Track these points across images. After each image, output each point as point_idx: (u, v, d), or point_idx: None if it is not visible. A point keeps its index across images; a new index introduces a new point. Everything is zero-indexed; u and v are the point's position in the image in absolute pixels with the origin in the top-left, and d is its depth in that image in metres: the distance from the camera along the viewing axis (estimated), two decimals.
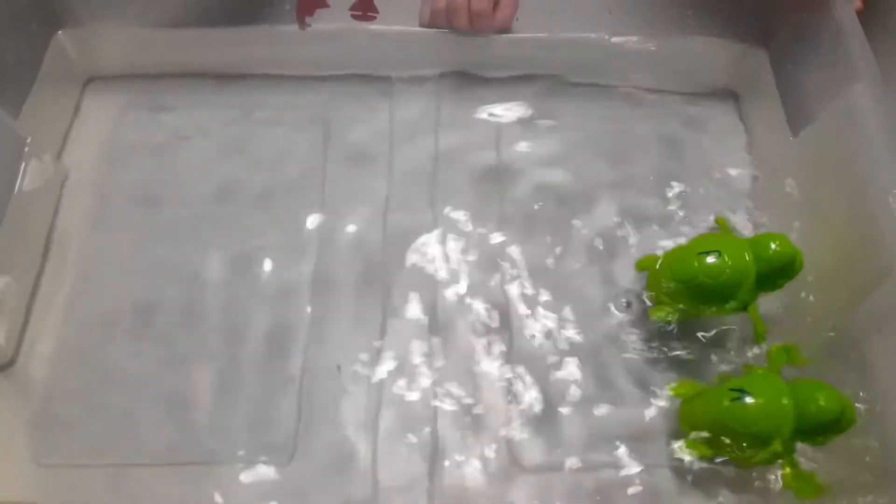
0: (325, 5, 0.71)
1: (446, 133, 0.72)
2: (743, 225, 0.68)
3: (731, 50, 0.74)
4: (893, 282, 0.54)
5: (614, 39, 0.73)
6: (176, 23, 0.72)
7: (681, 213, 0.69)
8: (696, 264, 0.57)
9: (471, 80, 0.75)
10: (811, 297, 0.62)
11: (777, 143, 0.69)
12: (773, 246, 0.56)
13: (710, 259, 0.56)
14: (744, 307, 0.58)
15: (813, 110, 0.64)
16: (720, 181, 0.71)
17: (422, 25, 0.72)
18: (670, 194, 0.70)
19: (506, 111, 0.74)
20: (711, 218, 0.69)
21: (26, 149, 0.65)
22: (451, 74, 0.75)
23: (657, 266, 0.61)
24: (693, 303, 0.58)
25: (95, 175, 0.69)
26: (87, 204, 0.68)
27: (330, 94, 0.74)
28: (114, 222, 0.67)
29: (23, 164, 0.64)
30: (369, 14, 0.71)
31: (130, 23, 0.71)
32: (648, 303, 0.62)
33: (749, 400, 0.53)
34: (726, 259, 0.56)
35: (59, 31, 0.71)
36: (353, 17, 0.71)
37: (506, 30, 0.71)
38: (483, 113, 0.74)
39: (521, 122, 0.74)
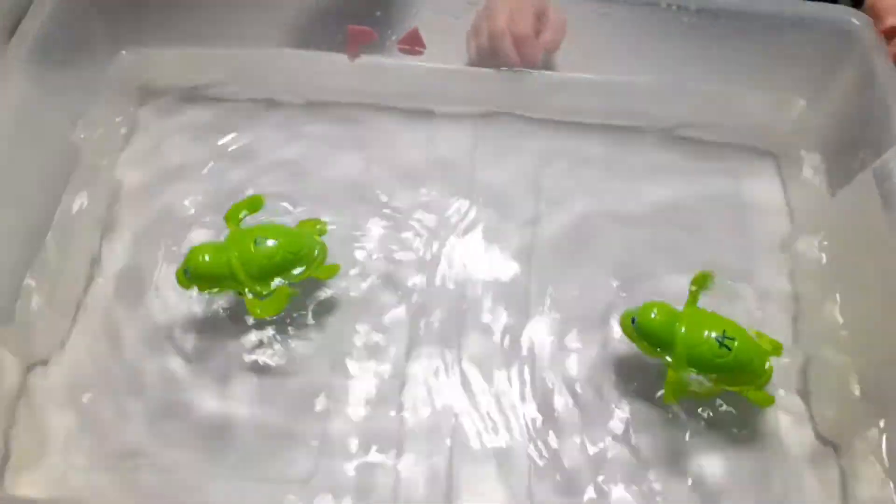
0: (374, 38, 0.73)
1: (484, 171, 0.73)
2: (779, 284, 0.68)
3: (770, 102, 0.74)
4: None
5: (654, 84, 0.74)
6: (230, 45, 0.74)
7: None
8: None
9: (513, 121, 0.76)
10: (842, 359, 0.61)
11: (815, 202, 0.69)
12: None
13: None
14: None
15: (852, 169, 0.64)
16: (752, 237, 0.71)
17: (470, 63, 0.74)
18: (696, 247, 0.69)
19: (545, 153, 0.75)
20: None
21: (81, 162, 0.68)
22: (493, 114, 0.76)
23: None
24: None
25: (145, 192, 0.71)
26: (135, 220, 0.69)
27: (373, 125, 0.76)
28: (162, 242, 0.68)
29: (76, 178, 0.67)
30: (417, 48, 0.73)
31: (189, 44, 0.74)
32: None
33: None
34: None
35: (123, 51, 0.74)
36: (401, 50, 0.73)
37: (554, 51, 0.72)
38: (523, 154, 0.75)
39: (559, 163, 0.74)
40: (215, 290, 0.60)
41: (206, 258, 0.58)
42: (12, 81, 0.62)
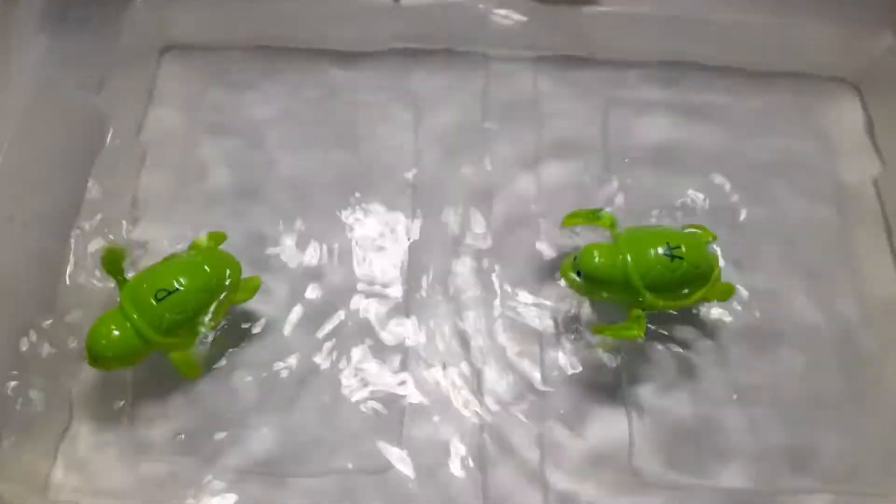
0: None
1: (547, 118, 0.67)
2: (874, 229, 0.64)
3: (852, 38, 0.68)
4: None
5: (727, 19, 0.68)
6: None
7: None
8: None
9: (573, 63, 0.70)
10: None
11: None
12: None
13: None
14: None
15: None
16: (836, 179, 0.66)
17: None
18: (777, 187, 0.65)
19: (609, 95, 0.69)
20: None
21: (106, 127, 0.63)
22: (551, 55, 0.70)
23: None
24: None
25: (172, 155, 0.65)
26: (165, 184, 0.64)
27: (420, 73, 0.69)
28: (200, 207, 0.63)
29: (102, 149, 0.62)
30: None
31: None
32: None
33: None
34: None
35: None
36: None
37: None
38: (585, 97, 0.69)
39: (624, 107, 0.69)
40: (132, 365, 0.52)
41: (115, 334, 0.49)
42: (27, 49, 0.56)
